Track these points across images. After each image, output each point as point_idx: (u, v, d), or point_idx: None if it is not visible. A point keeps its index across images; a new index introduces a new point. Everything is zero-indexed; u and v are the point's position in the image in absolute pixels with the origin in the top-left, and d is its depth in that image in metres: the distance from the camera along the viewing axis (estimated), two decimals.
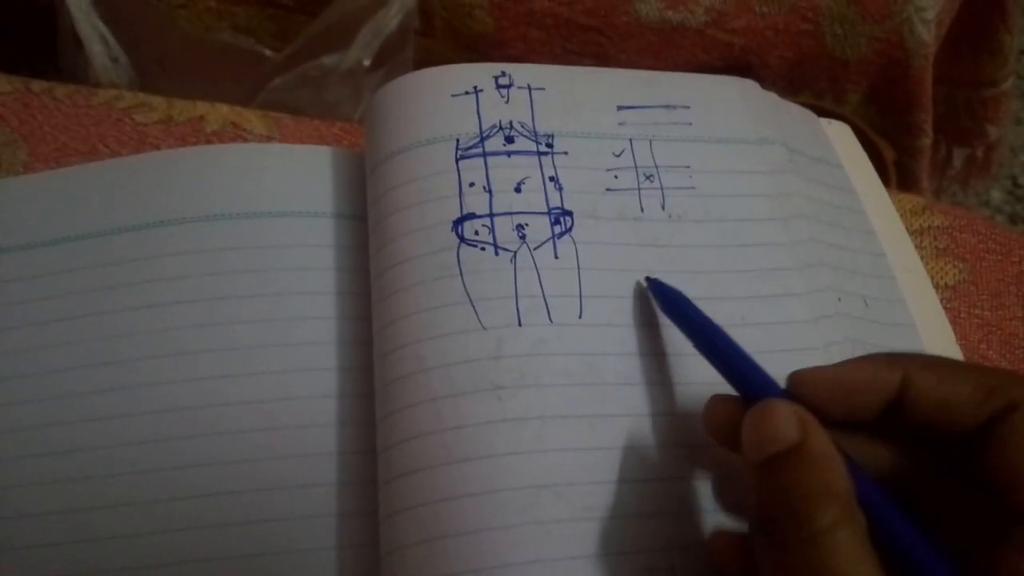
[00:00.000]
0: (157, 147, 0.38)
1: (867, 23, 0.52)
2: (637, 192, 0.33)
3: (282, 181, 0.35)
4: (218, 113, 0.39)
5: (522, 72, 0.34)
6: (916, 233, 0.39)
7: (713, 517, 0.28)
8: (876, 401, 0.23)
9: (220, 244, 0.33)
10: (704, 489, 0.28)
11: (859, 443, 0.24)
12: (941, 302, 0.36)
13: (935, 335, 0.34)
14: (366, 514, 0.29)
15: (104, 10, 0.47)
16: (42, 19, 0.52)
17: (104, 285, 0.33)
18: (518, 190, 0.31)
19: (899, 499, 0.23)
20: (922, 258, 0.37)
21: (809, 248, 0.33)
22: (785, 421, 0.23)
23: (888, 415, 0.24)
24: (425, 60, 0.53)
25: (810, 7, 0.52)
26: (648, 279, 0.30)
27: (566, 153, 0.33)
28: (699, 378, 0.29)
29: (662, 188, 0.33)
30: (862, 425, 0.24)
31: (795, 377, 0.24)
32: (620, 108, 0.34)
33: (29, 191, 0.35)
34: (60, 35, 0.50)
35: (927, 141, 0.59)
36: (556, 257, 0.30)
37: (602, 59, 0.53)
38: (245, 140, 0.39)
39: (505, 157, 0.32)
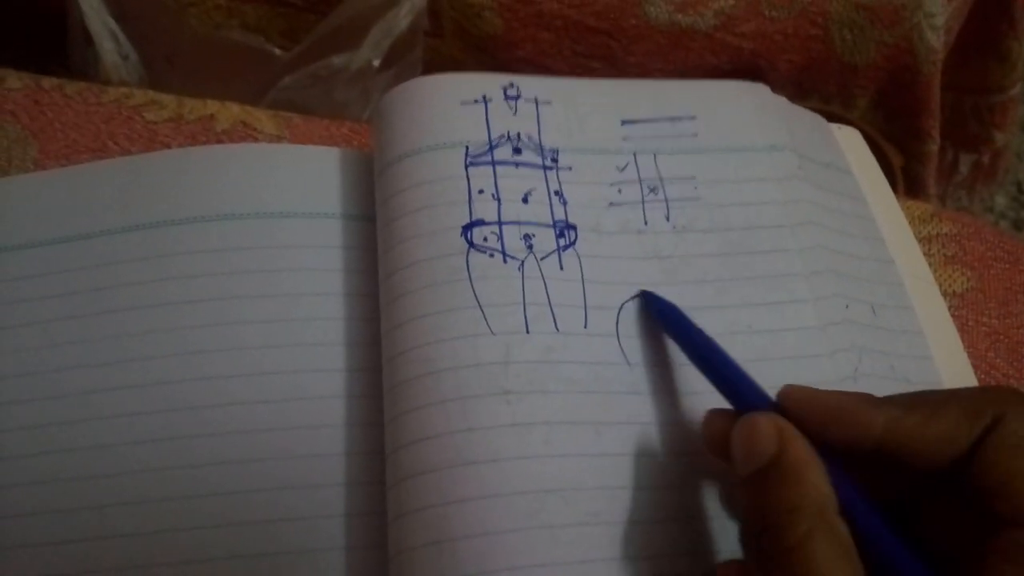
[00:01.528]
0: (167, 146, 0.38)
1: (876, 28, 0.52)
2: (641, 205, 0.33)
3: (291, 182, 0.35)
4: (228, 112, 0.40)
5: (529, 84, 0.34)
6: (924, 240, 0.39)
7: (718, 524, 0.28)
8: (857, 437, 0.24)
9: (229, 244, 0.33)
10: (708, 496, 0.28)
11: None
12: (949, 310, 0.36)
13: (943, 343, 0.34)
14: (374, 515, 0.29)
15: (114, 7, 0.47)
16: (52, 16, 0.52)
17: (113, 284, 0.33)
18: (525, 201, 0.32)
19: (886, 510, 0.24)
20: (930, 266, 0.37)
21: (817, 255, 0.33)
22: (765, 434, 0.24)
23: (879, 455, 0.24)
24: (434, 61, 0.53)
25: (820, 12, 0.52)
26: (642, 292, 0.31)
27: (570, 168, 0.33)
28: (701, 388, 0.29)
29: (666, 200, 0.33)
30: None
31: (783, 391, 0.25)
32: (624, 123, 0.34)
33: (39, 189, 0.35)
34: (70, 32, 0.50)
35: (934, 147, 0.59)
36: (561, 269, 0.31)
37: (611, 61, 0.53)
38: (255, 140, 0.39)
39: (513, 167, 0.32)
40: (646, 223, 0.33)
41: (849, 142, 0.39)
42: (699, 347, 0.28)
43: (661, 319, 0.30)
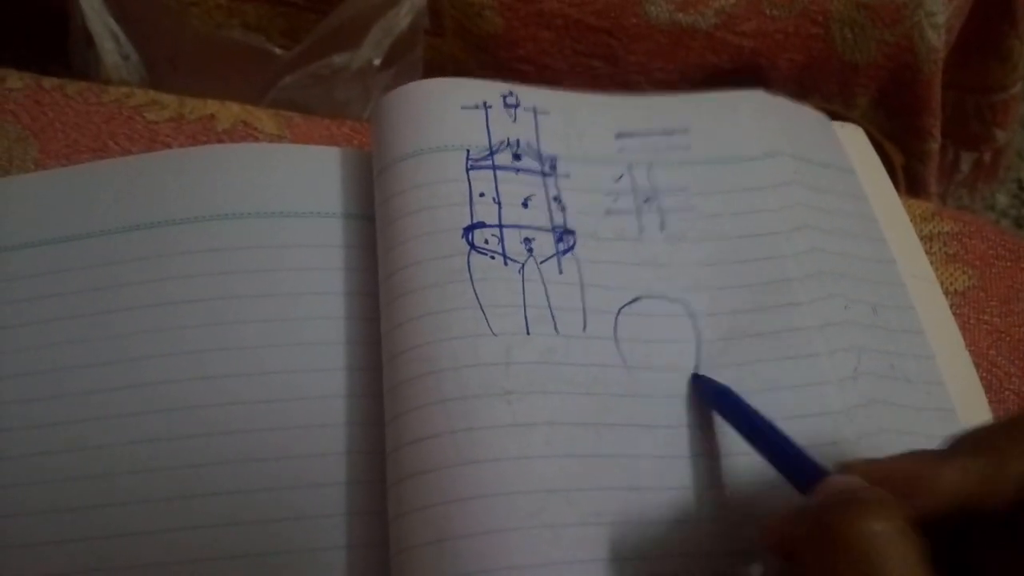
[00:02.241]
0: (168, 145, 0.38)
1: (877, 27, 0.52)
2: (636, 215, 0.33)
3: (292, 181, 0.35)
4: (229, 112, 0.40)
5: (528, 94, 0.35)
6: (925, 239, 0.39)
7: (719, 525, 0.28)
8: (933, 504, 0.22)
9: (229, 243, 0.33)
10: (709, 497, 0.28)
11: None
12: (950, 308, 0.36)
13: (945, 342, 0.34)
14: (375, 514, 0.29)
15: (116, 8, 0.47)
16: (53, 17, 0.52)
17: (114, 283, 0.33)
18: (525, 205, 0.32)
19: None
20: (931, 264, 0.37)
21: (813, 258, 0.33)
22: (856, 480, 0.22)
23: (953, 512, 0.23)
24: (435, 60, 0.53)
25: (820, 11, 0.52)
26: (693, 376, 0.30)
27: (568, 176, 0.33)
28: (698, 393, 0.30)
29: (660, 210, 0.34)
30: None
31: (844, 467, 0.24)
32: (619, 136, 0.35)
33: (39, 188, 0.35)
34: (71, 33, 0.50)
35: (935, 145, 0.59)
36: (560, 272, 0.31)
37: (612, 60, 0.53)
38: (256, 139, 0.39)
39: (513, 173, 0.33)
40: (641, 232, 0.33)
41: (852, 140, 0.39)
42: (759, 432, 0.27)
43: (714, 403, 0.29)
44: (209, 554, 0.28)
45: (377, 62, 0.49)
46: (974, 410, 0.33)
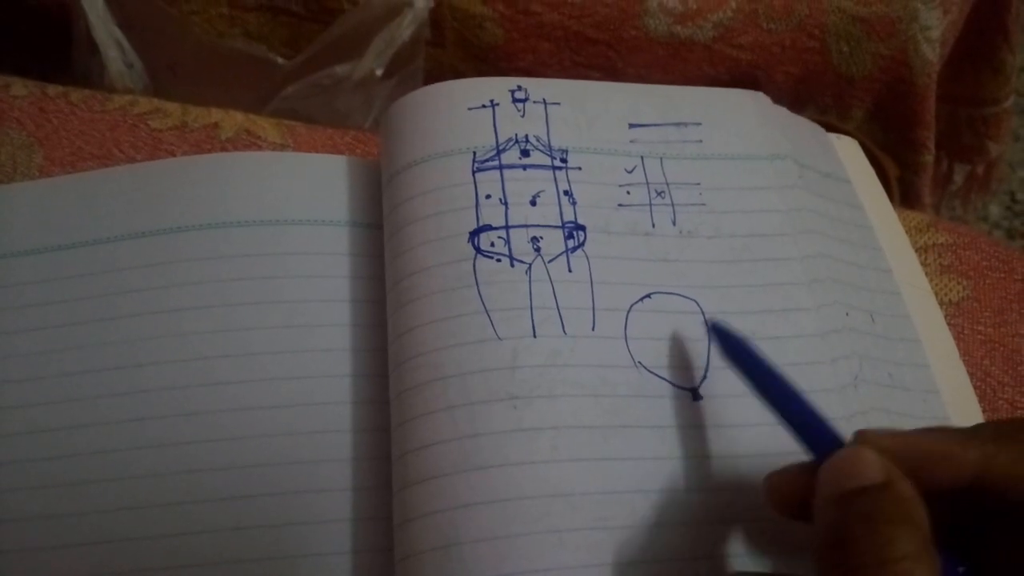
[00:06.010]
0: (171, 153, 0.39)
1: (873, 41, 0.53)
2: (649, 208, 0.33)
3: (297, 189, 0.35)
4: (232, 120, 0.40)
5: (537, 87, 0.34)
6: (920, 250, 0.39)
7: (726, 528, 0.28)
8: (949, 478, 0.22)
9: (234, 251, 0.33)
10: (716, 501, 0.28)
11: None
12: (945, 319, 0.37)
13: (940, 351, 0.35)
14: (381, 519, 0.29)
15: (120, 16, 0.47)
16: (54, 24, 0.53)
17: (119, 290, 0.33)
18: (533, 203, 0.32)
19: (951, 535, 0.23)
20: (926, 275, 0.38)
21: (818, 263, 0.33)
22: (871, 463, 0.22)
23: (966, 491, 0.23)
24: (436, 70, 0.53)
25: (817, 24, 0.52)
26: (712, 324, 0.30)
27: (579, 168, 0.33)
28: (709, 392, 0.30)
29: (673, 204, 0.33)
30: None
31: (861, 436, 0.24)
32: (632, 126, 0.35)
33: (44, 195, 0.36)
34: (75, 41, 0.50)
35: (929, 157, 0.59)
36: (570, 271, 0.31)
37: (611, 72, 0.53)
38: (259, 148, 0.39)
39: (521, 170, 0.32)
40: (654, 226, 0.33)
41: (847, 152, 0.39)
42: (774, 385, 0.26)
43: (729, 353, 0.29)
44: (214, 559, 0.28)
45: (379, 72, 0.49)
46: (968, 419, 0.34)
